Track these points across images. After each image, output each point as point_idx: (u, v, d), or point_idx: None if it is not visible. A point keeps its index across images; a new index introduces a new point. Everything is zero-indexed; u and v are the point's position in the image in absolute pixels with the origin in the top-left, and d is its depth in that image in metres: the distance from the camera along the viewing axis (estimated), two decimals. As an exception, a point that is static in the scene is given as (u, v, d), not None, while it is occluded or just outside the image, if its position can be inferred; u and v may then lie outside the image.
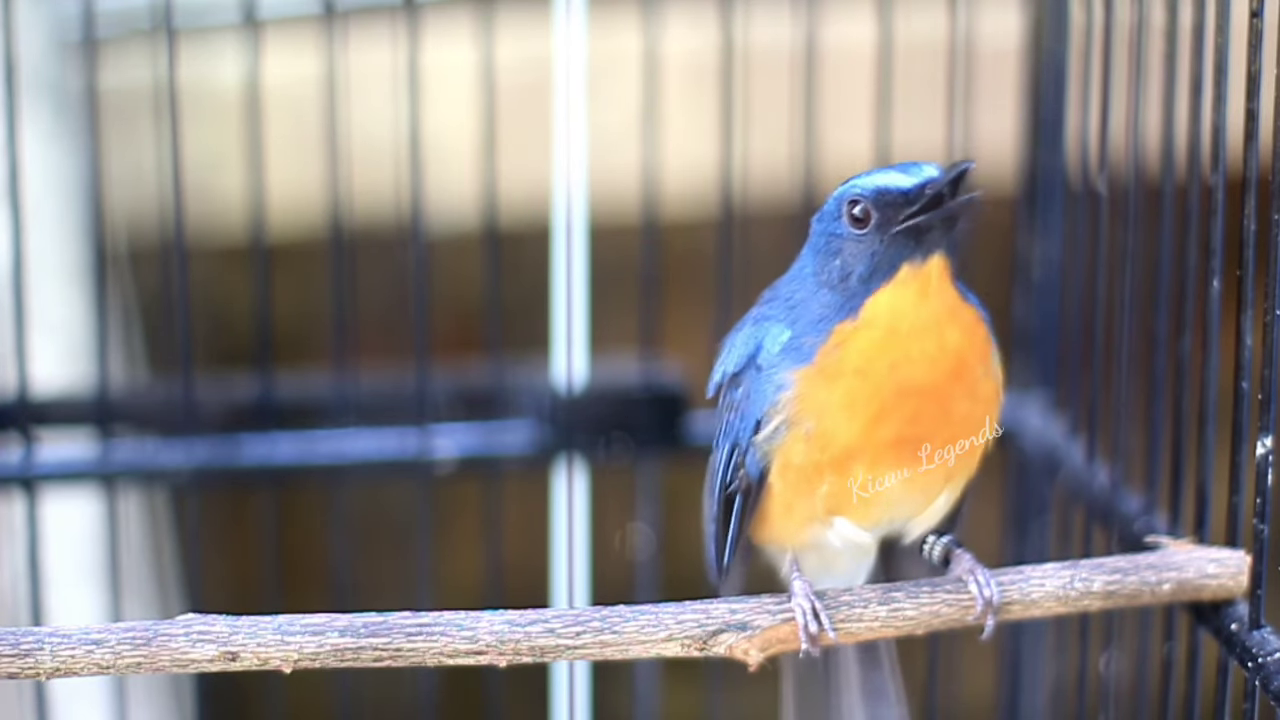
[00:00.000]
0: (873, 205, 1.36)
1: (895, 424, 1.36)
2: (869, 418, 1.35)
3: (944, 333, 1.36)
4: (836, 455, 1.36)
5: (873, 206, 1.36)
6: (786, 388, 1.37)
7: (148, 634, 1.35)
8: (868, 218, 1.36)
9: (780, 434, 1.38)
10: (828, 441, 1.36)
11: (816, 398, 1.36)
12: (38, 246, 2.10)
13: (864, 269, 1.36)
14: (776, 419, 1.38)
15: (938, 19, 1.88)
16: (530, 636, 1.37)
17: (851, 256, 1.37)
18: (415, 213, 1.83)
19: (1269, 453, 1.34)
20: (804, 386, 1.36)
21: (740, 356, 1.42)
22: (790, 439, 1.37)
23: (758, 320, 1.43)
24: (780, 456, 1.38)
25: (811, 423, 1.36)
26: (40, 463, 1.82)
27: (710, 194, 1.91)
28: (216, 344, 2.40)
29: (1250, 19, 1.33)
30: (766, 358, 1.39)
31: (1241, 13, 1.35)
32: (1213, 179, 1.41)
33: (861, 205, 1.36)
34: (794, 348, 1.38)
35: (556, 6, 1.88)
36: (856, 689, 1.51)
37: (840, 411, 1.35)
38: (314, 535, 2.18)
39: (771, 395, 1.38)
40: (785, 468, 1.38)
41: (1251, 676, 1.35)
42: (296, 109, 2.15)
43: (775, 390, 1.37)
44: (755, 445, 1.39)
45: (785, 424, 1.37)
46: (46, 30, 2.24)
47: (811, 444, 1.36)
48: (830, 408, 1.36)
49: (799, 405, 1.36)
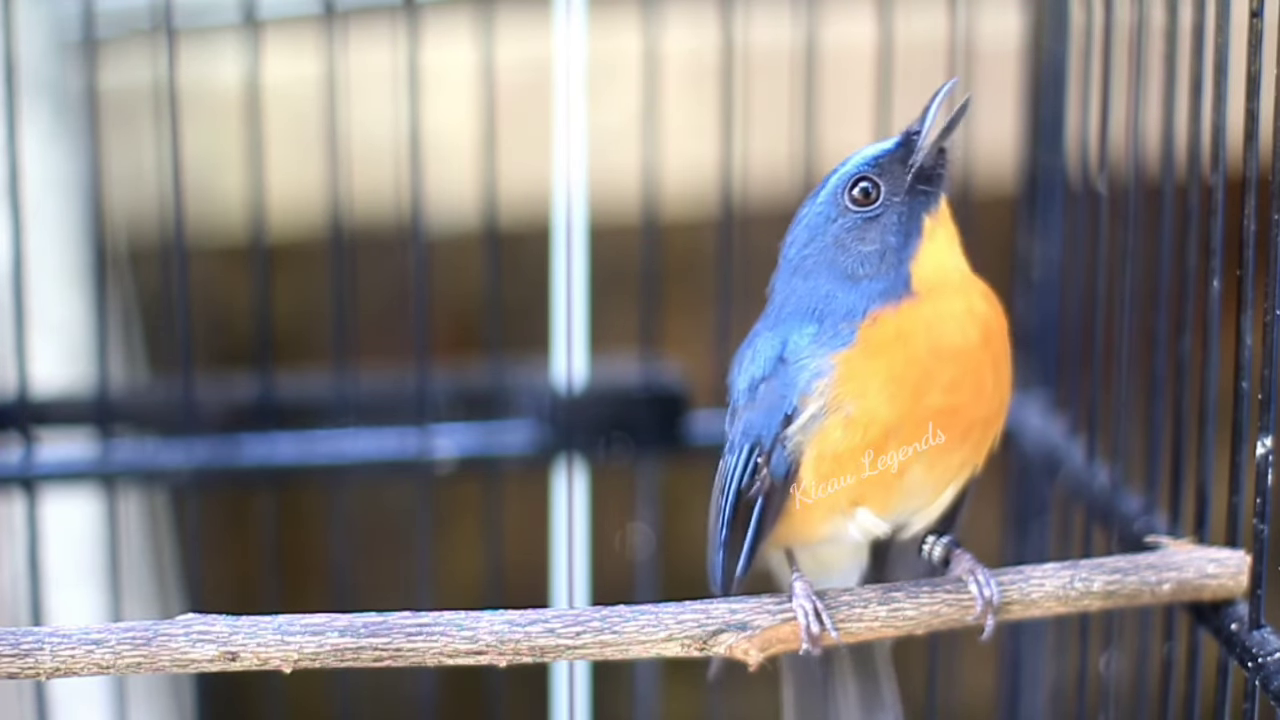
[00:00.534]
0: (877, 176, 1.37)
1: (936, 394, 1.35)
2: (914, 386, 1.34)
3: (969, 295, 1.38)
4: (876, 436, 1.35)
5: (878, 177, 1.37)
6: (824, 374, 1.36)
7: (148, 634, 1.35)
8: (877, 190, 1.38)
9: (817, 421, 1.36)
10: (870, 420, 1.35)
11: (859, 377, 1.35)
12: (38, 246, 2.10)
13: (897, 238, 1.37)
14: (812, 406, 1.36)
15: (938, 19, 1.88)
16: (530, 636, 1.37)
17: (876, 234, 1.37)
18: (415, 213, 1.83)
19: (1269, 453, 1.34)
20: (846, 368, 1.35)
21: (767, 359, 1.40)
22: (828, 425, 1.36)
23: (775, 326, 1.41)
24: (814, 447, 1.37)
25: (852, 405, 1.35)
26: (40, 463, 1.82)
27: (710, 194, 1.91)
28: (216, 344, 2.40)
29: (1250, 19, 1.33)
30: (794, 351, 1.38)
31: (1241, 13, 1.35)
32: (1213, 179, 1.41)
33: (866, 182, 1.38)
34: (829, 335, 1.37)
35: (556, 6, 1.88)
36: (854, 697, 1.51)
37: (886, 386, 1.34)
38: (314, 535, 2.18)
39: (805, 384, 1.36)
40: (819, 458, 1.37)
41: (1251, 676, 1.35)
42: (296, 109, 2.15)
43: (811, 378, 1.36)
44: (785, 439, 1.37)
45: (823, 410, 1.36)
46: (46, 30, 2.24)
47: (851, 427, 1.35)
48: (874, 385, 1.35)
49: (839, 388, 1.35)
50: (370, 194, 2.11)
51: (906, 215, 1.37)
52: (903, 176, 1.38)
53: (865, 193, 1.38)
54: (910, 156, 1.38)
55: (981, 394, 1.38)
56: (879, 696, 1.51)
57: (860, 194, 1.38)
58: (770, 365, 1.39)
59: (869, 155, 1.38)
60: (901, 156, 1.38)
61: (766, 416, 1.39)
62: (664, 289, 1.91)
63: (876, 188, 1.38)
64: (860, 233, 1.38)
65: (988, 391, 1.38)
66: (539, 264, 1.99)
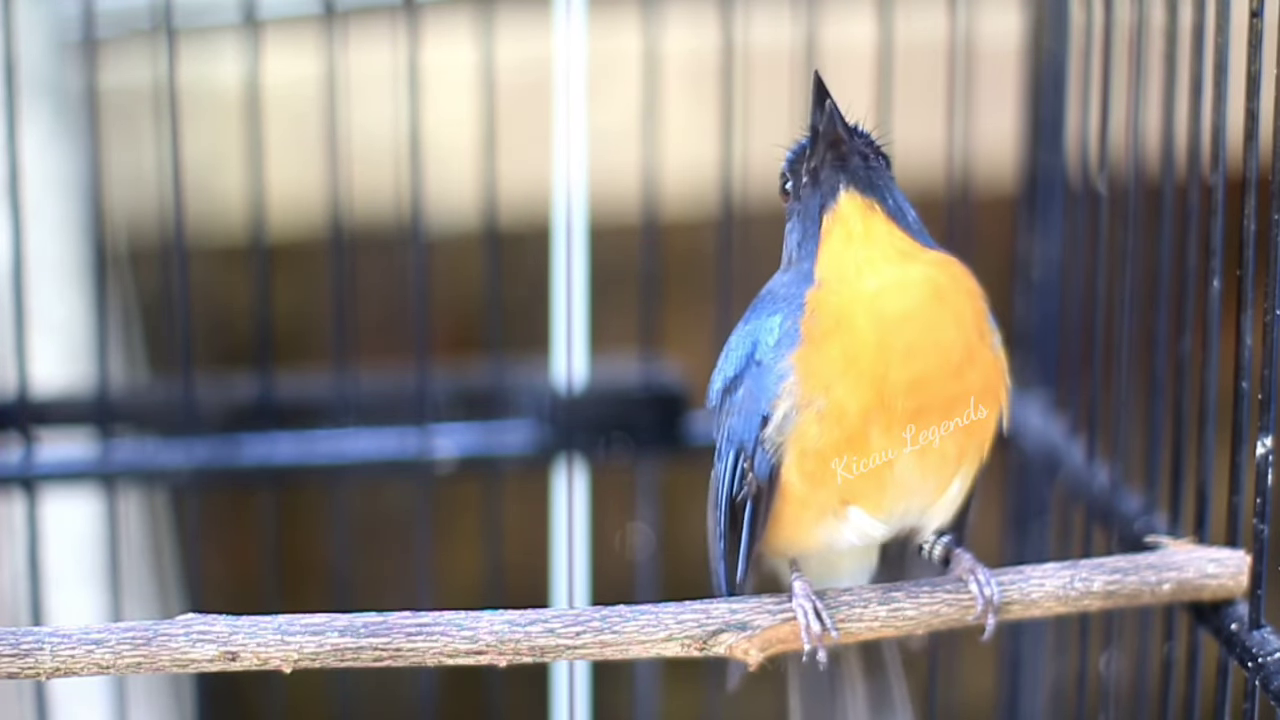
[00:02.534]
0: (789, 172, 1.40)
1: (896, 367, 1.34)
2: (872, 369, 1.34)
3: (904, 267, 1.36)
4: (852, 427, 1.35)
5: (789, 173, 1.40)
6: (788, 375, 1.36)
7: (148, 634, 1.35)
8: (792, 186, 1.40)
9: (790, 421, 1.36)
10: (842, 412, 1.34)
11: (818, 372, 1.35)
12: (38, 246, 2.10)
13: (799, 235, 1.40)
14: (784, 407, 1.36)
15: (938, 19, 1.88)
16: (530, 636, 1.36)
17: (792, 229, 1.40)
18: (415, 213, 1.83)
19: (1269, 453, 1.34)
20: (803, 367, 1.35)
21: (738, 359, 1.41)
22: (802, 423, 1.35)
23: (748, 320, 1.42)
24: (794, 446, 1.36)
25: (821, 399, 1.35)
26: (40, 463, 1.82)
27: (710, 194, 1.91)
28: (216, 344, 2.40)
29: (1250, 19, 1.33)
30: (764, 352, 1.38)
31: (1241, 13, 1.35)
32: (1213, 179, 1.41)
33: (782, 179, 1.41)
34: (785, 335, 1.37)
35: (556, 6, 1.88)
36: (862, 698, 1.51)
37: (844, 375, 1.34)
38: (314, 535, 2.18)
39: (774, 386, 1.36)
40: (801, 457, 1.36)
41: (1251, 676, 1.35)
42: (296, 109, 2.15)
43: (777, 380, 1.36)
44: (764, 441, 1.37)
45: (794, 409, 1.36)
46: (46, 30, 2.24)
47: (826, 421, 1.35)
48: (834, 376, 1.34)
49: (804, 386, 1.35)
50: (370, 194, 2.11)
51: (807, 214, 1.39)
52: (804, 175, 1.40)
53: (783, 189, 1.41)
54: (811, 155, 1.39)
55: (946, 355, 1.35)
56: (889, 697, 1.50)
57: (784, 189, 1.41)
58: (740, 364, 1.40)
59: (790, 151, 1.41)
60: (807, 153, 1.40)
61: (745, 421, 1.39)
62: (664, 289, 1.91)
63: (786, 185, 1.41)
64: (790, 225, 1.41)
65: (954, 352, 1.35)
66: (539, 264, 1.99)
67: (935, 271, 1.37)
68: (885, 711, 1.50)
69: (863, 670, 1.50)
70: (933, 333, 1.35)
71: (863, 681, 1.50)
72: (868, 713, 1.50)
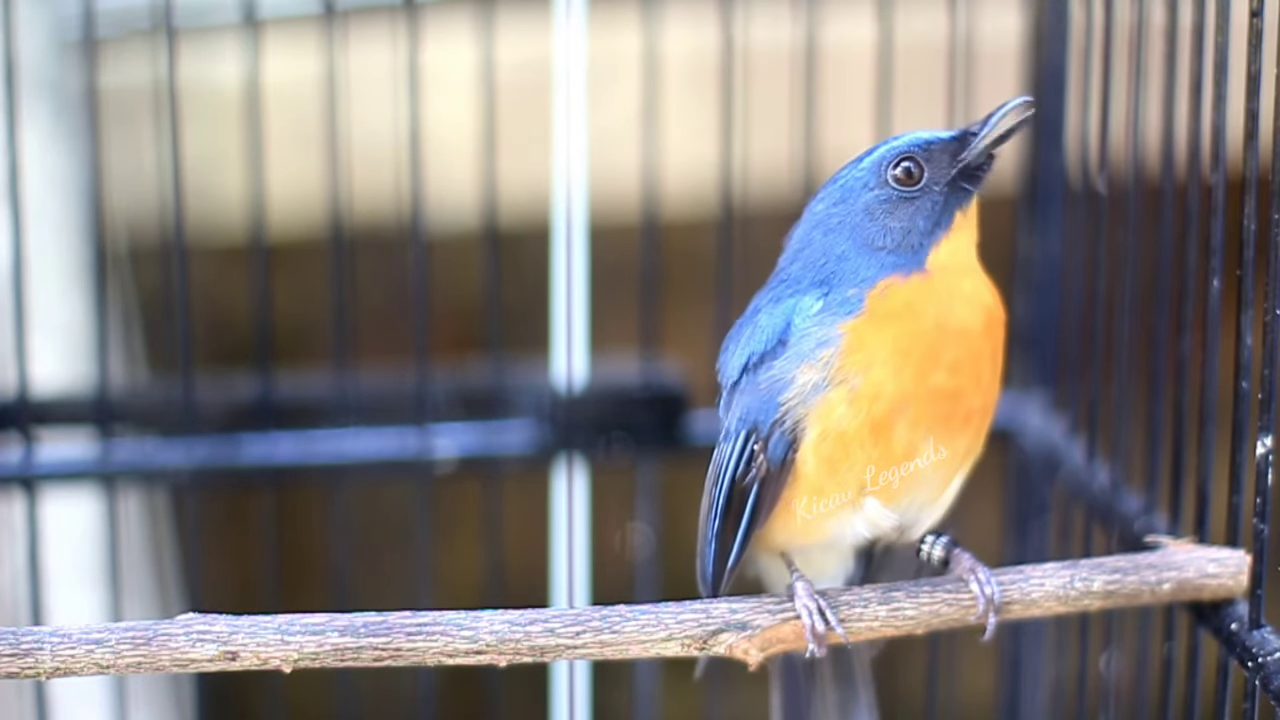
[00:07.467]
0: (924, 160, 1.40)
1: (941, 372, 1.36)
2: (920, 361, 1.35)
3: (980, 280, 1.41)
4: (881, 413, 1.35)
5: (924, 161, 1.40)
6: (831, 343, 1.36)
7: (148, 634, 1.35)
8: (920, 173, 1.40)
9: (819, 393, 1.36)
10: (876, 394, 1.35)
11: (867, 348, 1.35)
12: (38, 247, 2.10)
13: (926, 222, 1.40)
14: (815, 375, 1.36)
15: (938, 19, 1.88)
16: (530, 636, 1.37)
17: (907, 214, 1.40)
18: (415, 213, 1.83)
19: (1269, 453, 1.34)
20: (854, 338, 1.36)
21: (768, 336, 1.40)
22: (831, 399, 1.35)
23: (777, 300, 1.41)
24: (816, 425, 1.36)
25: (858, 377, 1.35)
26: (40, 463, 1.82)
27: (710, 194, 1.91)
28: (216, 344, 2.40)
29: (1250, 19, 1.33)
30: (800, 325, 1.38)
31: (1241, 13, 1.35)
32: (1213, 179, 1.41)
33: (911, 162, 1.40)
34: (836, 303, 1.38)
35: (556, 6, 1.88)
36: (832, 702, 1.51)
37: (892, 358, 1.35)
38: (314, 535, 2.18)
39: (810, 352, 1.36)
40: (821, 439, 1.36)
41: (1251, 676, 1.35)
42: (296, 109, 2.15)
43: (816, 346, 1.36)
44: (784, 418, 1.37)
45: (826, 381, 1.36)
46: (46, 30, 2.24)
47: (856, 402, 1.35)
48: (881, 356, 1.35)
49: (846, 359, 1.36)
50: (370, 194, 2.12)
51: (941, 205, 1.40)
52: (949, 168, 1.41)
53: (908, 172, 1.41)
54: (962, 151, 1.41)
55: (980, 381, 1.39)
56: (856, 700, 1.50)
57: (903, 173, 1.41)
58: (772, 340, 1.39)
59: (922, 138, 1.41)
60: (954, 149, 1.41)
61: (765, 400, 1.38)
62: (664, 289, 1.91)
63: (920, 170, 1.41)
64: (892, 207, 1.40)
65: (985, 380, 1.39)
66: (539, 264, 1.99)
67: (993, 302, 1.41)
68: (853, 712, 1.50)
69: (833, 674, 1.50)
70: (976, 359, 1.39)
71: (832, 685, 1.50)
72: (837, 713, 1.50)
